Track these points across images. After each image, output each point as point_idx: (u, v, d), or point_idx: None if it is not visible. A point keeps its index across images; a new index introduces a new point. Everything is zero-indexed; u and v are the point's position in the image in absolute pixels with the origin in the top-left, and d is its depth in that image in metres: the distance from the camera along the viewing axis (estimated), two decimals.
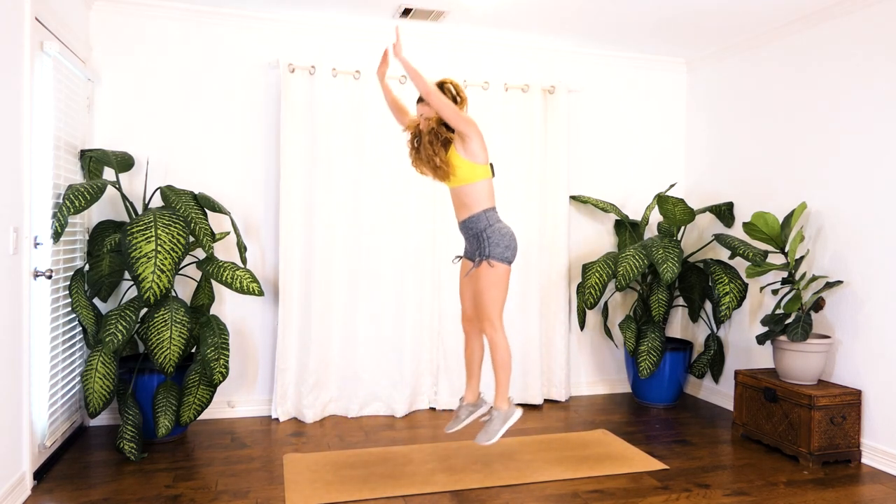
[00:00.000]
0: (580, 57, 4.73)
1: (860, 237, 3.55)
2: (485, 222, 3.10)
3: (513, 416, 3.12)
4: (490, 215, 3.12)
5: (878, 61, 3.46)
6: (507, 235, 3.11)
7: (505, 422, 3.08)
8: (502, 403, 3.10)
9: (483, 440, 3.04)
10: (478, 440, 3.05)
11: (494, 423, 3.07)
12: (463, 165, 3.06)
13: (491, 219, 3.11)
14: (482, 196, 3.11)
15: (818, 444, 3.37)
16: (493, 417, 3.10)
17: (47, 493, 2.91)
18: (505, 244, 3.09)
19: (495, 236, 3.09)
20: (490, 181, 3.15)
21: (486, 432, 3.06)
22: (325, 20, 4.16)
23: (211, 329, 3.49)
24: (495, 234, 3.09)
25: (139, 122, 3.94)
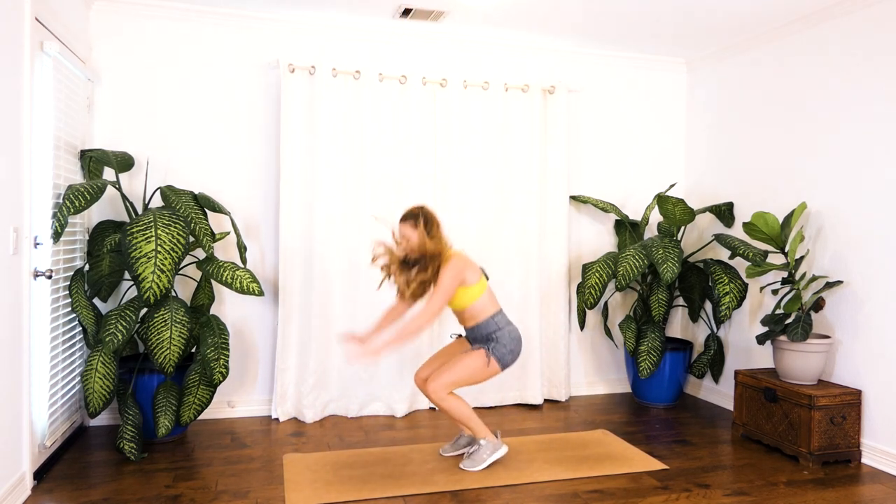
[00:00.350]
0: (580, 57, 4.73)
1: (860, 237, 3.55)
2: (494, 326, 3.24)
3: (500, 449, 3.28)
4: (499, 319, 3.25)
5: (879, 61, 3.46)
6: (516, 340, 3.25)
7: (493, 452, 3.25)
8: (487, 436, 3.25)
9: (469, 467, 3.21)
10: (463, 466, 3.22)
11: (482, 451, 3.25)
12: (460, 294, 3.18)
13: (500, 322, 3.25)
14: (485, 307, 3.23)
15: (818, 444, 3.37)
16: (481, 446, 3.25)
17: (47, 493, 2.91)
18: (510, 348, 3.22)
19: (505, 338, 3.22)
20: (487, 290, 3.26)
21: (472, 459, 3.23)
22: (325, 20, 4.16)
23: (211, 329, 3.49)
24: (505, 336, 3.22)
25: (139, 122, 3.94)
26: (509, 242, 4.48)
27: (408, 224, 3.17)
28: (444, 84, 4.32)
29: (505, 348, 3.21)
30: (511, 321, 3.32)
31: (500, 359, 3.20)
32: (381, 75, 4.19)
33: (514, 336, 3.25)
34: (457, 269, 3.12)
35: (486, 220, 4.41)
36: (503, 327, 3.24)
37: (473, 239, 4.39)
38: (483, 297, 3.23)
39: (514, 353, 3.24)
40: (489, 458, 3.23)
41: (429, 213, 3.21)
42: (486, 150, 4.41)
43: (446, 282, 3.09)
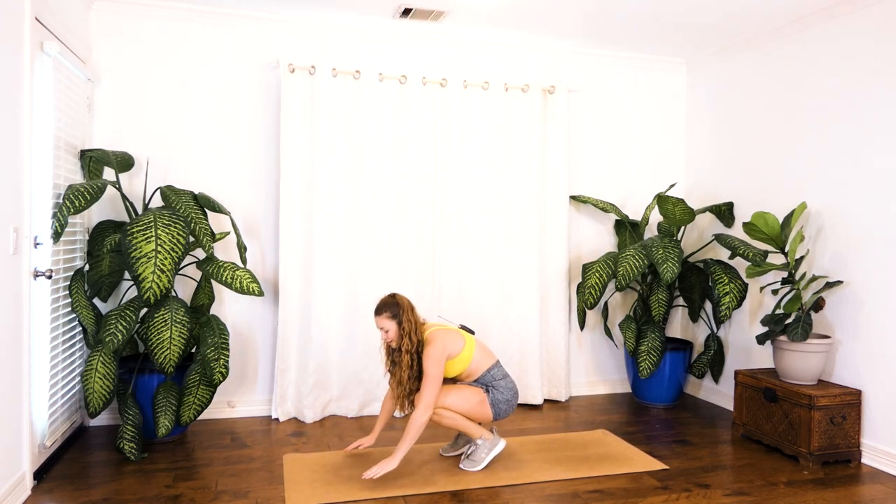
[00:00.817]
0: (580, 57, 4.73)
1: (860, 237, 3.55)
2: (490, 379, 3.25)
3: (498, 445, 3.28)
4: (495, 373, 3.27)
5: (879, 61, 3.46)
6: (512, 391, 3.27)
7: (491, 450, 3.25)
8: (483, 435, 3.25)
9: (469, 467, 3.23)
10: (463, 466, 3.24)
11: (480, 451, 3.25)
12: (449, 366, 3.18)
13: (496, 375, 3.27)
14: (479, 365, 3.25)
15: (818, 444, 3.37)
16: (477, 446, 3.26)
17: (47, 493, 2.91)
18: (507, 398, 3.24)
19: (503, 388, 3.24)
20: (476, 348, 3.25)
21: (471, 460, 3.25)
22: (325, 20, 4.16)
23: (211, 329, 3.49)
24: (503, 386, 3.24)
25: (139, 122, 3.94)
26: (509, 242, 4.48)
27: (383, 316, 3.13)
28: (444, 84, 4.32)
29: (502, 396, 3.22)
30: (508, 374, 3.33)
31: (495, 405, 3.21)
32: (381, 75, 4.19)
33: (512, 388, 3.26)
34: (438, 351, 3.09)
35: (485, 220, 4.41)
36: (499, 379, 3.25)
37: (473, 239, 4.39)
38: (475, 358, 3.23)
39: (510, 404, 3.25)
40: (487, 456, 3.24)
41: (400, 300, 3.17)
42: (486, 150, 4.41)
43: (433, 371, 3.06)
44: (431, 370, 3.07)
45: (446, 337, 3.17)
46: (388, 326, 3.13)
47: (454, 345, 3.17)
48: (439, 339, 3.14)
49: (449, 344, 3.15)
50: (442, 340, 3.14)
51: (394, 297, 3.18)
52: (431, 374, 3.06)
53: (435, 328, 3.22)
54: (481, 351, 3.27)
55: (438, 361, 3.09)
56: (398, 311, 3.14)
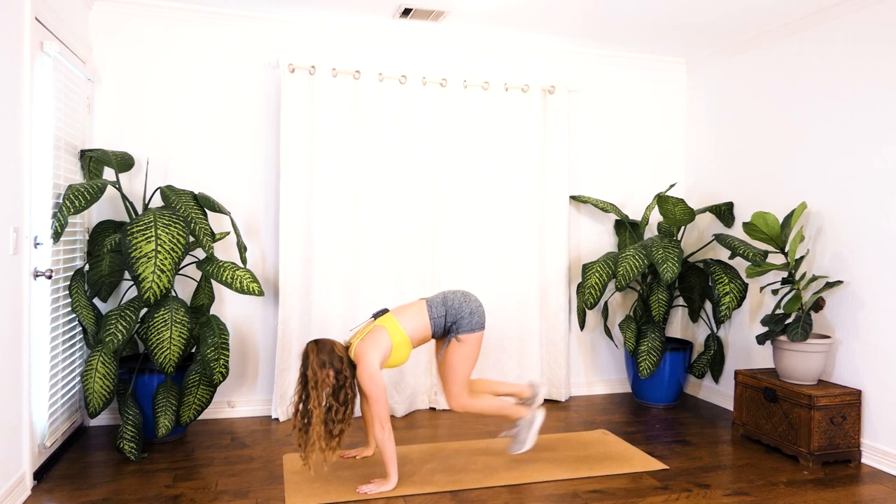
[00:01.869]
0: (580, 57, 4.74)
1: (860, 237, 3.55)
2: (441, 321, 3.12)
3: (536, 418, 3.28)
4: (435, 313, 3.11)
5: (880, 61, 3.46)
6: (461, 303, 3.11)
7: (530, 427, 3.25)
8: (519, 415, 3.26)
9: (516, 449, 3.25)
10: (510, 450, 3.26)
11: (521, 432, 3.27)
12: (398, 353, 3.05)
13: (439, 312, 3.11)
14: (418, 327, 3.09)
15: (818, 444, 3.37)
16: (519, 427, 3.29)
17: (47, 493, 2.91)
18: (468, 311, 3.11)
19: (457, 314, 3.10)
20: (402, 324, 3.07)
21: (517, 442, 3.26)
22: (325, 20, 4.16)
23: (211, 329, 3.49)
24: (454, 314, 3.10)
25: (139, 122, 3.94)
26: (509, 242, 4.48)
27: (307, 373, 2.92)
28: (444, 84, 4.32)
29: (463, 320, 3.09)
30: (444, 296, 3.15)
31: (471, 329, 3.09)
32: (381, 75, 4.19)
33: (458, 301, 3.11)
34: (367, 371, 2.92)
35: (485, 220, 4.41)
36: (446, 313, 3.10)
37: (473, 239, 4.39)
38: (410, 329, 3.07)
39: (474, 311, 3.11)
40: (529, 434, 3.24)
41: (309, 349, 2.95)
42: (486, 150, 4.41)
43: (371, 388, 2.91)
44: (369, 388, 2.91)
45: (370, 345, 2.97)
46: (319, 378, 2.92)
47: (381, 344, 2.99)
48: (364, 353, 2.96)
49: (376, 352, 2.96)
50: (367, 354, 2.95)
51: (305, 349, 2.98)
52: (371, 393, 2.91)
53: (357, 342, 3.02)
54: (408, 316, 3.09)
55: (372, 377, 2.91)
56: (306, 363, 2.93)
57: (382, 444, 2.94)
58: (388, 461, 2.96)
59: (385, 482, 2.96)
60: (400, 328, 3.05)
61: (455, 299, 3.14)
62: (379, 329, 3.04)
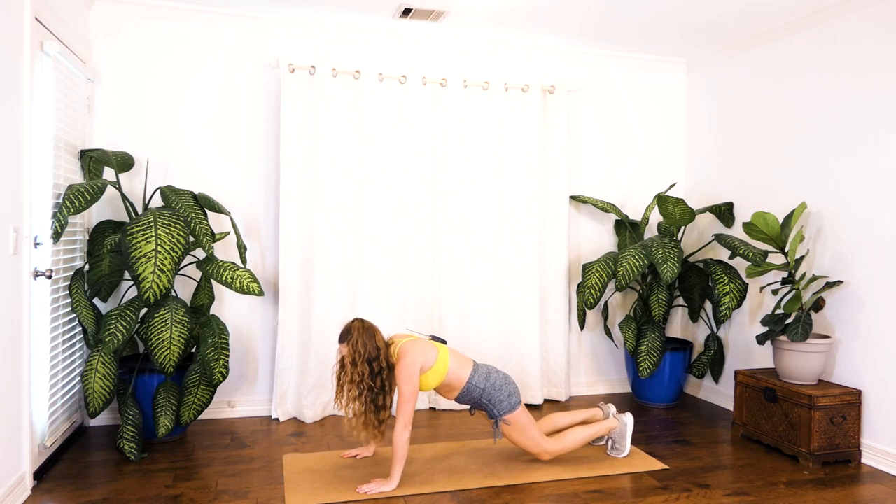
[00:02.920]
0: (580, 57, 4.74)
1: (860, 237, 3.55)
2: (477, 391, 3.17)
3: (627, 425, 3.42)
4: (476, 381, 3.16)
5: (880, 61, 3.46)
6: (503, 383, 3.18)
7: (624, 435, 3.39)
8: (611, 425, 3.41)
9: (617, 454, 3.43)
10: (610, 453, 3.44)
11: (618, 441, 3.43)
12: (424, 380, 3.09)
13: (479, 383, 3.16)
14: (457, 375, 3.15)
15: (818, 444, 3.37)
16: (613, 439, 3.45)
17: (47, 493, 2.91)
18: (507, 392, 3.18)
19: (494, 395, 3.16)
20: (450, 358, 3.14)
21: (616, 449, 3.43)
22: (325, 20, 4.16)
23: (211, 329, 3.48)
24: (492, 393, 3.16)
25: (139, 122, 3.94)
26: (509, 242, 4.48)
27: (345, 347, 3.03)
28: (444, 84, 4.32)
29: (502, 403, 3.15)
30: (489, 370, 3.20)
31: (511, 409, 3.16)
32: (381, 75, 4.19)
33: (500, 385, 3.16)
34: (410, 366, 2.98)
35: (485, 220, 4.41)
36: (484, 387, 3.14)
37: (473, 239, 4.39)
38: (451, 368, 3.12)
39: (512, 393, 3.18)
40: (625, 440, 3.40)
41: (358, 326, 3.04)
42: (486, 150, 4.41)
43: (405, 387, 2.96)
44: (404, 386, 2.96)
45: (417, 349, 3.05)
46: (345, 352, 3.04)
47: (427, 357, 3.05)
48: (410, 352, 3.02)
49: (421, 356, 3.03)
50: (413, 354, 3.02)
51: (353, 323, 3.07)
52: (405, 391, 2.96)
53: (405, 341, 3.10)
54: (456, 360, 3.16)
55: (411, 376, 2.97)
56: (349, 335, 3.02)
57: (398, 444, 2.94)
58: (396, 462, 2.96)
59: (386, 482, 2.96)
60: (447, 363, 3.12)
61: (497, 379, 3.19)
62: (431, 346, 3.13)
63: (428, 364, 3.06)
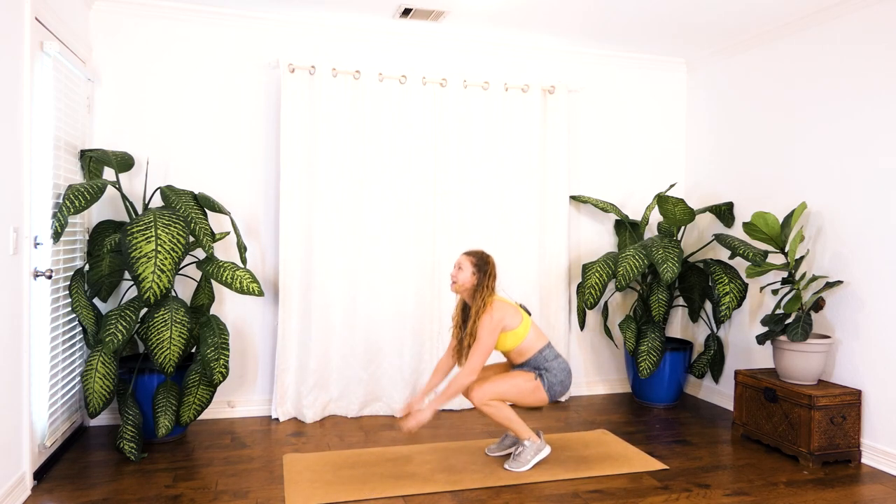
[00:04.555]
0: (580, 57, 4.74)
1: (860, 237, 3.55)
2: (542, 361, 3.26)
3: (543, 450, 3.31)
4: (547, 353, 3.28)
5: (879, 61, 3.46)
6: (566, 372, 3.28)
7: (536, 453, 3.29)
8: (531, 437, 3.30)
9: (514, 468, 3.24)
10: (508, 467, 3.25)
11: (526, 453, 3.27)
12: (503, 339, 3.21)
13: (548, 356, 3.28)
14: (532, 345, 3.26)
15: (818, 444, 3.37)
16: (524, 447, 3.28)
17: (47, 493, 2.91)
18: (561, 379, 3.25)
19: (556, 370, 3.25)
20: (532, 328, 3.28)
21: (517, 461, 3.26)
22: (325, 20, 4.16)
23: (211, 329, 3.48)
24: (555, 367, 3.25)
25: (139, 122, 3.94)
26: (509, 242, 4.48)
27: (469, 258, 3.23)
28: (444, 84, 4.32)
29: (555, 378, 3.24)
30: (560, 354, 3.34)
31: (549, 388, 3.23)
32: (381, 75, 4.19)
33: (564, 368, 3.28)
34: (494, 322, 3.15)
35: (485, 219, 4.41)
36: (551, 360, 3.26)
37: (473, 239, 4.39)
38: (529, 336, 3.26)
39: (564, 385, 3.27)
40: (533, 458, 3.26)
41: (493, 264, 3.25)
42: (485, 150, 4.41)
43: (485, 338, 3.13)
44: (484, 337, 3.13)
45: (506, 308, 3.21)
46: (465, 268, 3.21)
47: (512, 318, 3.20)
48: (499, 308, 3.19)
49: (507, 316, 3.19)
50: (501, 310, 3.18)
51: (484, 253, 3.27)
52: (484, 341, 3.12)
53: (497, 299, 3.26)
54: (535, 331, 3.29)
55: (493, 330, 3.14)
56: (483, 264, 3.21)
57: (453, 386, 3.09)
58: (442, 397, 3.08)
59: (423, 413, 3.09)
60: (527, 330, 3.26)
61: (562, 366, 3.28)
62: (518, 311, 3.26)
63: (511, 326, 3.20)
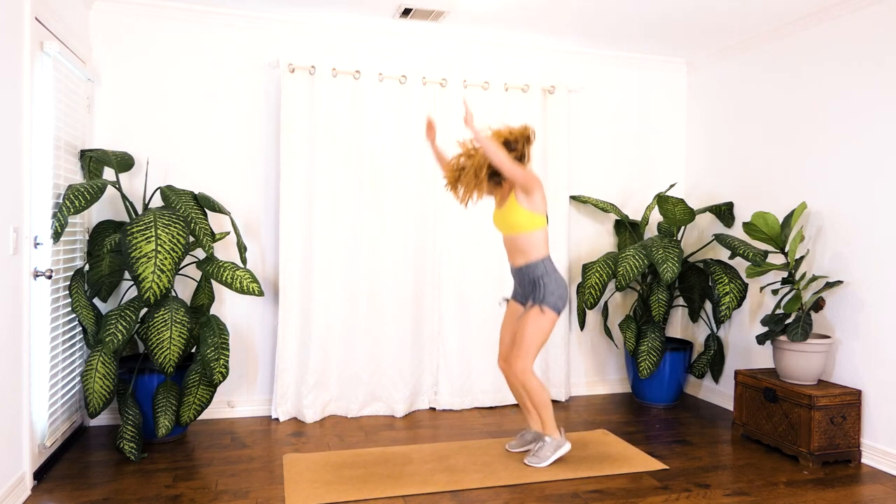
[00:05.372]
0: (580, 57, 4.74)
1: (860, 237, 3.55)
2: (542, 269, 3.24)
3: (564, 446, 3.30)
4: (547, 264, 3.26)
5: (879, 61, 3.46)
6: (563, 286, 3.25)
7: (556, 450, 3.29)
8: (553, 433, 3.28)
9: (534, 463, 3.26)
10: (528, 462, 3.27)
11: (546, 449, 3.28)
12: (524, 214, 3.18)
13: (548, 267, 3.26)
14: (539, 244, 3.24)
15: (818, 444, 3.37)
16: (545, 443, 3.29)
17: (47, 493, 2.91)
18: (559, 294, 3.23)
19: (552, 284, 3.22)
20: (546, 230, 3.28)
21: (537, 456, 3.27)
22: (325, 20, 4.16)
23: (211, 329, 3.49)
24: (552, 282, 3.22)
25: (139, 122, 3.94)
26: None
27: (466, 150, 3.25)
28: (444, 84, 4.32)
29: (553, 295, 3.20)
30: (558, 269, 3.30)
31: (553, 306, 3.20)
32: (381, 75, 4.19)
33: (561, 281, 3.24)
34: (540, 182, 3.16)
35: (486, 219, 4.41)
36: (550, 272, 3.23)
37: (473, 238, 4.39)
38: (542, 231, 3.23)
39: (563, 298, 3.24)
40: (553, 455, 3.27)
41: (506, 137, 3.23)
42: None
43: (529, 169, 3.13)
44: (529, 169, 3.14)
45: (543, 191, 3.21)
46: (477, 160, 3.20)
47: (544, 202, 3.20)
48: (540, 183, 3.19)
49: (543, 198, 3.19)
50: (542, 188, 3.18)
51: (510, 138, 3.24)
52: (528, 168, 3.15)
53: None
54: (546, 237, 3.28)
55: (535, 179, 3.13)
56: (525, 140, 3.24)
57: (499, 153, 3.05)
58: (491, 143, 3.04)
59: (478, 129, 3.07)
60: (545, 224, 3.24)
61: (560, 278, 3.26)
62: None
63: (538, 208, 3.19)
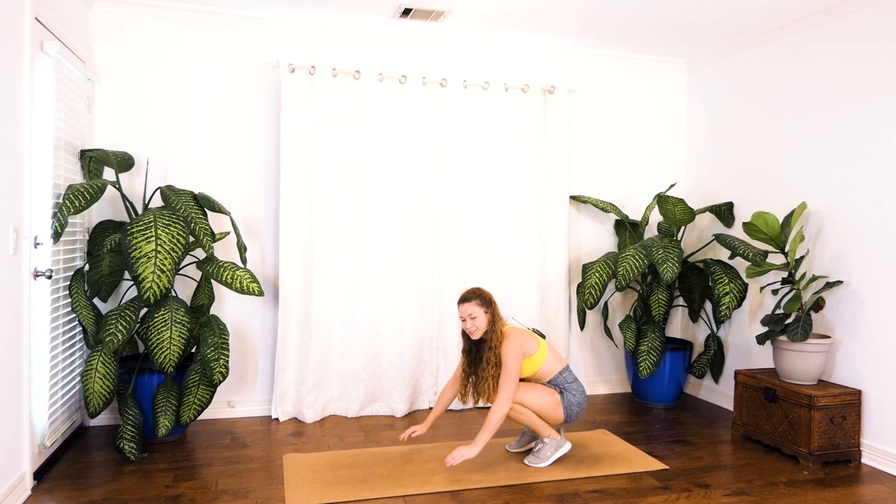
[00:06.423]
0: (580, 57, 4.74)
1: (860, 237, 3.55)
2: (562, 382, 3.32)
3: (564, 446, 3.34)
4: (566, 376, 3.34)
5: (879, 61, 3.46)
6: (583, 395, 3.34)
7: (556, 450, 3.32)
8: (552, 434, 3.32)
9: (533, 463, 3.29)
10: (528, 462, 3.30)
11: (546, 449, 3.31)
12: (525, 365, 3.26)
13: (567, 378, 3.34)
14: (551, 368, 3.32)
15: (818, 444, 3.37)
16: (545, 444, 3.32)
17: (47, 493, 2.91)
18: (578, 401, 3.31)
19: (574, 390, 3.31)
20: (549, 351, 3.33)
21: (537, 457, 3.30)
22: (324, 20, 4.16)
23: (211, 329, 3.48)
24: (574, 388, 3.31)
25: (139, 122, 3.94)
26: (509, 242, 4.47)
27: (473, 303, 3.22)
28: (444, 84, 4.32)
29: (574, 399, 3.30)
30: (577, 378, 3.38)
31: (568, 406, 3.28)
32: (381, 75, 4.19)
33: (581, 391, 3.34)
34: (517, 347, 3.19)
35: (486, 219, 4.41)
36: (570, 382, 3.33)
37: (473, 239, 4.39)
38: (547, 360, 3.32)
39: (581, 407, 3.32)
40: (553, 455, 3.29)
41: (487, 292, 3.29)
42: (485, 150, 4.41)
43: (511, 364, 3.16)
44: (510, 363, 3.15)
45: (523, 335, 3.25)
46: (477, 314, 3.20)
47: (530, 344, 3.26)
48: (517, 335, 3.23)
49: (525, 342, 3.24)
50: (520, 337, 3.23)
51: (481, 289, 3.29)
52: (510, 368, 3.14)
53: (510, 326, 3.31)
54: (553, 355, 3.35)
55: (517, 356, 3.17)
56: (489, 301, 3.24)
57: (492, 417, 3.07)
58: (485, 432, 3.07)
59: (470, 448, 3.07)
60: (545, 354, 3.31)
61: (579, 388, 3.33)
62: (533, 336, 3.32)
63: (529, 351, 3.25)
